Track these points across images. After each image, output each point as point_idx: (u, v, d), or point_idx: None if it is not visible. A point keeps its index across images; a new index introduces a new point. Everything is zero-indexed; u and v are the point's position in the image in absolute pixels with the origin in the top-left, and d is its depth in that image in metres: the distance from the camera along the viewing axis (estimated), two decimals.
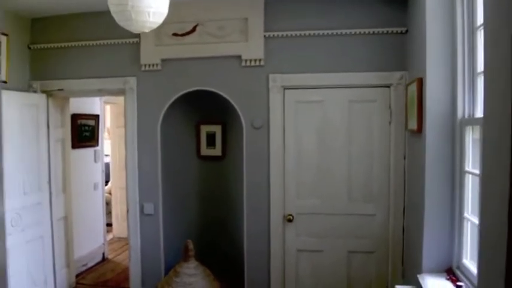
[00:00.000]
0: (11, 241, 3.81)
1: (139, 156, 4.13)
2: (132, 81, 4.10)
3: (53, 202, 4.41)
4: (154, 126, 4.08)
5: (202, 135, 4.38)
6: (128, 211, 4.19)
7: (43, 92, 4.34)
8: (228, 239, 4.30)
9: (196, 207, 4.46)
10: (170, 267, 3.99)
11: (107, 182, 7.73)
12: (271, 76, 3.78)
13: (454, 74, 2.70)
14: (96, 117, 5.86)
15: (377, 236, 3.71)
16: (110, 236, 6.97)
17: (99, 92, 4.29)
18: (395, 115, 3.61)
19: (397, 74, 3.58)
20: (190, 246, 3.80)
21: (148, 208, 4.12)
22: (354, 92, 3.71)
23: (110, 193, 7.40)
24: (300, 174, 3.81)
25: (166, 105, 4.04)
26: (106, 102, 6.48)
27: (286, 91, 3.81)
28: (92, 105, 5.81)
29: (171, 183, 4.27)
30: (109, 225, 7.20)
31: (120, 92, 4.19)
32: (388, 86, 3.63)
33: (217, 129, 4.34)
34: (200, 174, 4.45)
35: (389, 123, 3.64)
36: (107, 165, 7.89)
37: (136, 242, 4.16)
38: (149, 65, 4.03)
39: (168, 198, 4.21)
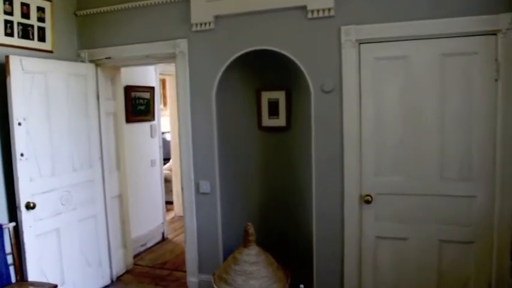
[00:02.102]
0: (62, 220, 3.66)
1: (193, 128, 3.77)
2: (183, 44, 3.69)
3: (106, 179, 4.20)
4: (209, 94, 3.67)
5: (264, 103, 3.89)
6: (182, 189, 3.85)
7: (91, 61, 4.09)
8: (295, 222, 3.83)
9: (257, 186, 4.02)
10: (229, 252, 3.62)
11: (168, 160, 7.61)
12: (343, 28, 3.19)
13: None
14: (151, 90, 5.57)
15: (477, 223, 3.05)
16: (171, 215, 6.81)
17: (148, 59, 3.92)
18: (504, 70, 2.87)
19: (507, 17, 2.82)
20: (251, 230, 3.38)
21: (204, 186, 3.76)
22: (448, 44, 3.01)
23: (171, 170, 7.22)
24: (380, 147, 3.22)
25: (222, 70, 3.61)
26: (162, 74, 6.18)
27: (362, 46, 3.20)
28: (147, 76, 5.53)
29: (229, 159, 3.87)
30: (170, 203, 7.07)
31: (171, 57, 3.82)
32: (493, 33, 2.90)
33: (280, 95, 3.82)
34: (262, 148, 3.99)
35: (496, 80, 2.92)
36: (168, 143, 7.74)
37: (192, 224, 3.83)
38: (201, 24, 3.60)
39: (225, 176, 3.82)
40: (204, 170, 3.76)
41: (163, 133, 7.75)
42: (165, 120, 7.61)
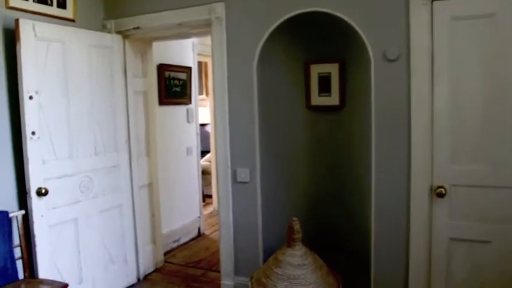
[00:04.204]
0: (80, 209, 3.42)
1: (230, 106, 3.43)
2: (220, 9, 3.36)
3: (133, 166, 3.94)
4: (249, 67, 3.32)
5: (313, 78, 3.48)
6: (217, 178, 3.52)
7: (118, 32, 3.83)
8: (349, 217, 3.43)
9: (304, 174, 3.62)
10: (270, 252, 3.25)
11: (207, 152, 7.38)
12: None
13: None
14: (188, 70, 5.30)
15: None
16: (209, 209, 6.57)
17: (181, 27, 3.60)
18: None
19: None
20: (296, 226, 2.99)
21: (243, 174, 3.42)
22: None
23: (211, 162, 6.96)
24: (458, 128, 2.74)
25: (264, 38, 3.25)
26: (202, 55, 5.86)
27: (436, 3, 2.72)
28: (183, 55, 5.26)
29: (272, 143, 3.51)
30: (209, 196, 6.84)
31: (206, 25, 3.48)
32: None
33: (333, 69, 3.40)
34: (310, 131, 3.59)
35: None
36: (208, 135, 7.50)
37: (227, 218, 3.49)
38: None
39: (267, 162, 3.46)
40: (242, 155, 3.42)
41: (204, 125, 7.56)
42: (206, 110, 7.38)
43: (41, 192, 3.07)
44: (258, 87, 3.34)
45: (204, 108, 7.33)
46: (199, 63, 7.08)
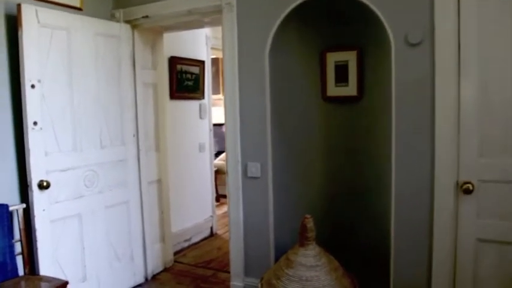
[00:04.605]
0: (84, 204, 3.30)
1: (241, 97, 3.28)
2: None
3: (141, 160, 3.80)
4: (261, 56, 3.15)
5: (329, 67, 3.28)
6: (227, 173, 3.35)
7: (127, 22, 3.71)
8: (367, 216, 3.22)
9: (319, 169, 3.42)
10: (282, 251, 3.06)
11: (222, 152, 7.24)
12: None
13: None
14: (201, 64, 5.15)
15: None
16: (223, 209, 6.39)
17: (190, 14, 3.44)
18: None
19: None
20: (310, 224, 2.79)
21: (254, 169, 3.25)
22: None
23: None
24: (486, 119, 2.52)
25: (277, 25, 3.09)
26: (215, 49, 5.69)
27: None
28: (196, 49, 5.12)
29: (285, 136, 3.33)
30: (224, 196, 6.69)
31: (216, 11, 3.33)
32: None
33: (350, 57, 3.19)
34: (326, 123, 3.39)
35: None
36: (223, 135, 7.36)
37: (237, 215, 3.33)
38: None
39: (279, 156, 3.29)
40: (253, 148, 3.25)
41: (221, 125, 7.41)
42: (222, 110, 7.20)
43: (43, 185, 2.95)
44: (271, 76, 3.17)
45: (220, 108, 7.18)
46: (216, 61, 6.94)
